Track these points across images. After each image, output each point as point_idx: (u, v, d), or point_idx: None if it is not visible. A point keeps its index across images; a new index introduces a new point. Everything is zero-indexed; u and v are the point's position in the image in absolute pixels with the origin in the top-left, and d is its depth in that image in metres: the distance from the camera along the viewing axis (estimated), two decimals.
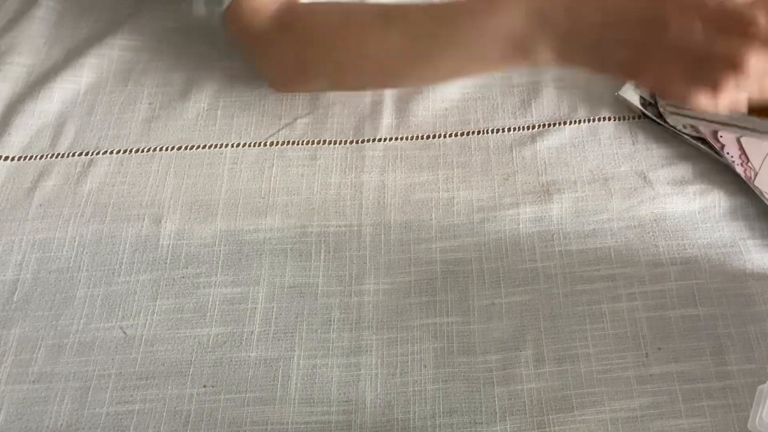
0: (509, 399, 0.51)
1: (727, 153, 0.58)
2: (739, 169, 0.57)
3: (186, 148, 0.63)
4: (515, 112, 0.64)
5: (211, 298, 0.56)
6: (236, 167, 0.62)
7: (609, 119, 0.63)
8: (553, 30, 0.48)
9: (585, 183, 0.59)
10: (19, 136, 0.64)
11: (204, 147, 0.63)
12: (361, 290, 0.56)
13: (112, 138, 0.64)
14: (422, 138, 0.63)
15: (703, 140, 0.59)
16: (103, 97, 0.66)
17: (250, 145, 0.63)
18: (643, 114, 0.62)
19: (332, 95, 0.66)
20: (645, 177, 0.59)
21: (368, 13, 0.56)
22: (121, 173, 0.62)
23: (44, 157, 0.63)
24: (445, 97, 0.65)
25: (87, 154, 0.63)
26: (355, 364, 0.53)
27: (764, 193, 0.56)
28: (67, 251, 0.58)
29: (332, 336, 0.54)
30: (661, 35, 0.44)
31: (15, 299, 0.56)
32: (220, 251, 0.58)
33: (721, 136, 0.59)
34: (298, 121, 0.64)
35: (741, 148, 0.58)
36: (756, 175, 0.57)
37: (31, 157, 0.63)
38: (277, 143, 0.63)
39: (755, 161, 0.58)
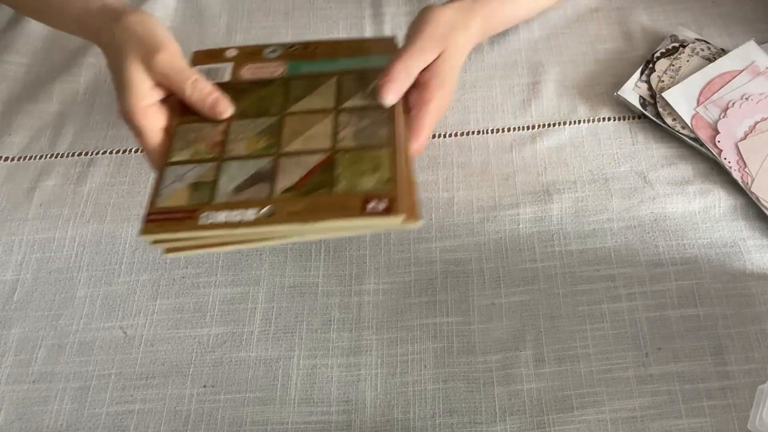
0: (509, 399, 0.51)
1: (725, 158, 0.58)
2: (737, 175, 0.57)
3: None
4: (515, 112, 0.64)
5: (211, 298, 0.56)
6: None
7: (609, 119, 0.63)
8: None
9: (585, 183, 0.59)
10: (18, 137, 0.64)
11: None
12: (360, 290, 0.56)
13: (111, 138, 0.64)
14: None
15: (702, 143, 0.59)
16: (102, 97, 0.66)
17: None
18: (643, 114, 0.62)
19: None
20: (645, 177, 0.59)
21: None
22: (120, 173, 0.62)
23: (44, 157, 0.63)
24: None
25: (87, 154, 0.63)
26: (355, 364, 0.53)
27: (761, 199, 0.56)
28: (67, 251, 0.58)
29: (332, 336, 0.54)
30: None
31: (15, 299, 0.56)
32: (219, 251, 0.57)
33: (719, 141, 0.59)
34: None
35: (738, 153, 0.58)
36: (753, 180, 0.57)
37: (30, 158, 0.63)
38: None
39: (752, 167, 0.58)
